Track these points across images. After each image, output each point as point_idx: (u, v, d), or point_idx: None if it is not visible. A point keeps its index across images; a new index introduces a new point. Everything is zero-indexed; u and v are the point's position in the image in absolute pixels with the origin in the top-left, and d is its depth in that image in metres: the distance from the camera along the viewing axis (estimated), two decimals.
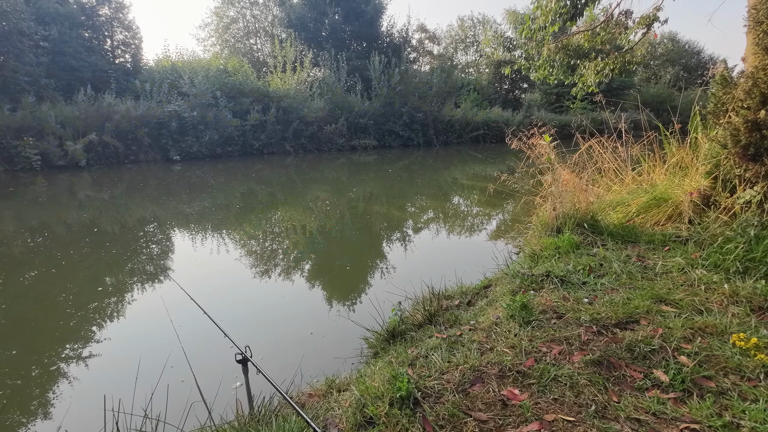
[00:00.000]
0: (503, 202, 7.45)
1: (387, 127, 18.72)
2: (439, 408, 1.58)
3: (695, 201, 3.38)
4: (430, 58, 31.77)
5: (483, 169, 12.95)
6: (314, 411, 1.76)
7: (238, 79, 16.13)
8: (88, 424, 1.54)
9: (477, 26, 32.75)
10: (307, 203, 7.96)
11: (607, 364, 1.78)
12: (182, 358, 2.04)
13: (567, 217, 3.66)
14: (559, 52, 7.24)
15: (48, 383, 2.50)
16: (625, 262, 2.88)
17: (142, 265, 4.60)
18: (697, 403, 1.51)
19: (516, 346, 1.96)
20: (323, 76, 18.28)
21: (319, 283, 4.13)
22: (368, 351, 2.52)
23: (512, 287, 2.75)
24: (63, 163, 11.62)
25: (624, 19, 6.89)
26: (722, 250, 2.73)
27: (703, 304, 2.21)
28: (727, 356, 1.74)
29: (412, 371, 1.85)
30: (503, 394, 1.63)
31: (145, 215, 6.96)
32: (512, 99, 28.03)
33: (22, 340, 2.97)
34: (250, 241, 5.61)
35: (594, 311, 2.21)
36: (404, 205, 8.01)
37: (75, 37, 14.76)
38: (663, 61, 34.62)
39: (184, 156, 13.87)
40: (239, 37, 27.34)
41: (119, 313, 3.43)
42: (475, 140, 21.15)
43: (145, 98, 13.82)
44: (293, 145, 16.23)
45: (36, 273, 4.27)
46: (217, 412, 1.64)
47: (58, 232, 5.96)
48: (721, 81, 3.21)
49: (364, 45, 23.28)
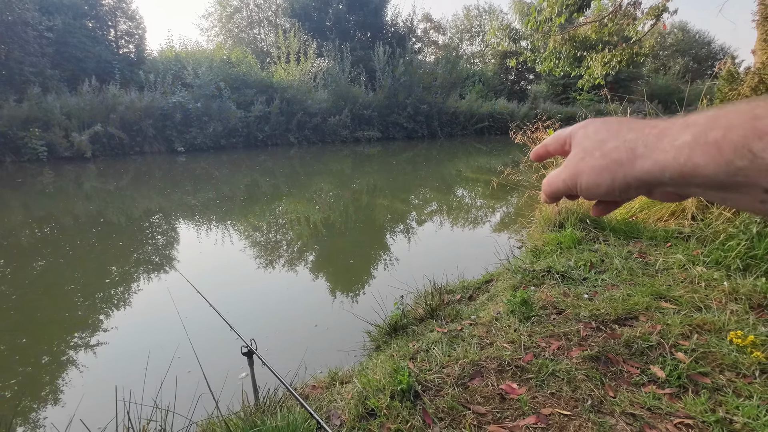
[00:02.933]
0: (507, 196, 7.44)
1: (391, 118, 18.63)
2: (439, 401, 1.62)
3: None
4: (435, 48, 31.43)
5: (487, 161, 12.90)
6: (317, 402, 1.81)
7: (242, 70, 16.07)
8: (100, 413, 1.59)
9: (483, 16, 32.34)
10: (311, 195, 7.99)
11: (605, 359, 1.81)
12: (189, 349, 2.10)
13: (570, 213, 3.67)
14: (566, 43, 7.16)
15: (58, 372, 2.58)
16: (626, 258, 2.90)
17: (148, 256, 4.67)
18: (692, 398, 1.54)
19: (515, 341, 1.99)
20: (327, 66, 18.17)
21: (323, 276, 4.18)
22: (370, 344, 2.56)
23: (513, 282, 2.78)
24: (69, 154, 11.70)
25: (632, 9, 6.78)
26: (724, 247, 2.74)
27: (703, 301, 2.22)
28: (724, 353, 1.77)
29: (413, 365, 1.89)
30: (502, 388, 1.67)
31: (150, 206, 7.02)
32: (518, 90, 27.75)
33: (32, 329, 3.05)
34: (254, 233, 5.66)
35: (594, 307, 2.24)
36: (408, 198, 8.02)
37: (79, 27, 14.72)
38: (672, 51, 34.04)
39: (188, 147, 13.90)
40: (243, 26, 27.17)
41: (126, 304, 3.50)
42: (480, 132, 21.02)
43: (149, 89, 13.82)
44: (297, 136, 16.22)
45: (44, 263, 4.35)
46: (224, 402, 1.70)
47: (66, 222, 6.04)
48: (728, 77, 3.18)
49: (368, 35, 23.06)
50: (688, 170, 0.28)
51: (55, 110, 11.63)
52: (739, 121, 0.26)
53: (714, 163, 0.26)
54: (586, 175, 0.34)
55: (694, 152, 0.27)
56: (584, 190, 0.35)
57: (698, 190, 0.29)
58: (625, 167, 0.32)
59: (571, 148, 0.37)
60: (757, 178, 0.25)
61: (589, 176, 0.34)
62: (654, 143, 0.30)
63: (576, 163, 0.35)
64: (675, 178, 0.29)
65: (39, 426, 2.14)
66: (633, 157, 0.31)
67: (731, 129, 0.26)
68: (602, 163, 0.33)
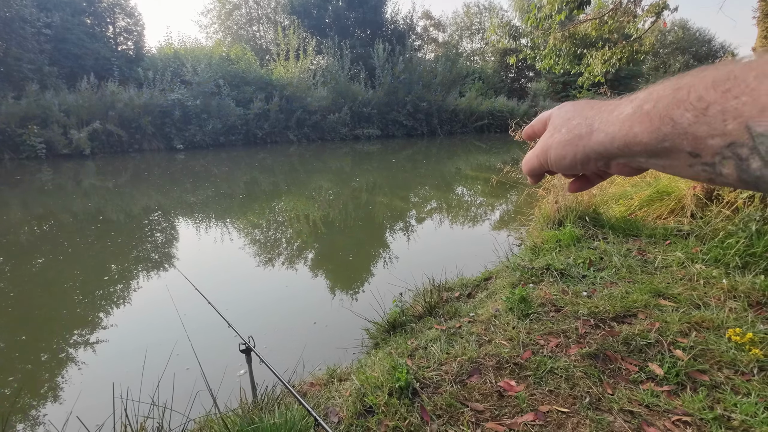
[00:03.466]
0: (506, 194, 7.44)
1: (391, 116, 18.60)
2: (437, 398, 1.62)
3: (698, 195, 3.37)
4: (435, 45, 31.36)
5: (487, 159, 12.89)
6: (315, 399, 1.81)
7: (241, 67, 16.03)
8: (98, 410, 1.59)
9: (483, 13, 32.22)
10: (310, 193, 7.99)
11: (603, 357, 1.81)
12: (187, 346, 2.09)
13: (569, 210, 3.67)
14: (566, 41, 7.13)
15: (56, 369, 2.58)
16: (625, 256, 2.90)
17: (147, 253, 4.67)
18: (690, 396, 1.54)
19: (514, 339, 1.99)
20: (327, 64, 18.11)
21: (322, 273, 4.18)
22: (369, 342, 2.56)
23: (512, 280, 2.78)
24: (68, 151, 11.68)
25: (633, 6, 6.76)
26: (723, 244, 2.74)
27: (701, 299, 2.22)
28: (722, 350, 1.77)
29: (412, 362, 1.89)
30: (500, 386, 1.67)
31: (149, 204, 7.01)
32: (518, 88, 27.70)
33: (32, 326, 3.04)
34: (253, 230, 5.66)
35: (592, 305, 2.24)
36: (407, 196, 8.01)
37: (77, 24, 14.66)
38: (672, 49, 33.96)
39: (187, 145, 13.88)
40: (242, 23, 27.06)
41: (125, 302, 3.49)
42: (480, 130, 20.99)
43: (148, 86, 13.78)
44: (296, 134, 16.19)
45: (43, 260, 4.34)
46: (222, 400, 1.69)
47: (64, 220, 6.03)
48: None
49: (368, 32, 23.00)
50: (630, 140, 0.31)
51: (53, 107, 11.59)
52: (665, 92, 0.29)
53: (647, 131, 0.29)
54: (553, 149, 0.38)
55: (633, 123, 0.30)
56: (553, 163, 0.38)
57: (642, 160, 0.31)
58: (584, 140, 0.35)
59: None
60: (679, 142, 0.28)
61: (556, 150, 0.37)
62: (606, 118, 0.33)
63: (546, 139, 0.39)
64: (621, 148, 0.32)
65: (37, 423, 2.14)
66: (590, 131, 0.34)
67: (660, 100, 0.29)
68: (567, 137, 0.37)
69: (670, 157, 0.29)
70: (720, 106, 0.25)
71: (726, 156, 0.26)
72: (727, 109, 0.25)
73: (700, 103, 0.26)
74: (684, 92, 0.27)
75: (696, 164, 0.28)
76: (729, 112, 0.25)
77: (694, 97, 0.27)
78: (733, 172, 0.26)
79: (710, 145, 0.26)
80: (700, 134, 0.26)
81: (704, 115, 0.26)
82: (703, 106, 0.26)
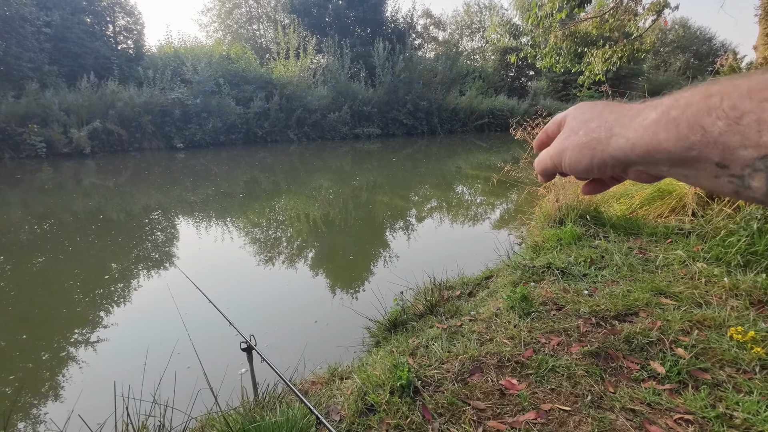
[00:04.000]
0: (507, 193, 7.43)
1: (391, 115, 18.58)
2: (439, 396, 1.62)
3: (699, 193, 3.37)
4: (435, 44, 31.31)
5: (487, 158, 12.88)
6: (317, 398, 1.81)
7: (241, 66, 16.01)
8: (99, 409, 1.59)
9: (483, 12, 32.16)
10: (310, 192, 7.98)
11: (605, 355, 1.81)
12: (189, 345, 2.09)
13: (570, 209, 3.66)
14: (566, 39, 7.12)
15: (57, 367, 2.58)
16: (626, 255, 2.89)
17: (148, 252, 4.66)
18: (692, 394, 1.54)
19: (515, 337, 1.99)
20: (327, 63, 18.09)
21: (323, 272, 4.18)
22: (370, 340, 2.56)
23: (513, 278, 2.78)
24: (68, 150, 11.67)
25: (633, 5, 6.75)
26: (724, 243, 2.73)
27: (703, 297, 2.22)
28: (724, 349, 1.77)
29: (413, 360, 1.89)
30: (501, 384, 1.67)
31: (149, 203, 7.01)
32: (518, 87, 27.66)
33: (32, 325, 3.04)
34: (254, 229, 5.65)
35: (593, 303, 2.24)
36: (407, 195, 8.01)
37: (77, 23, 14.64)
38: (673, 47, 33.92)
39: (187, 144, 13.87)
40: (242, 22, 27.04)
41: (126, 300, 3.49)
42: (480, 129, 20.97)
43: (148, 85, 13.77)
44: (297, 133, 16.18)
45: (44, 259, 4.34)
46: (223, 398, 1.69)
47: (65, 219, 6.03)
48: (729, 73, 3.16)
49: (368, 31, 22.96)
50: (653, 147, 0.29)
51: (53, 106, 11.58)
52: (695, 99, 0.27)
53: (673, 139, 0.28)
54: (569, 151, 0.36)
55: (659, 129, 0.29)
56: (567, 166, 0.37)
57: (664, 168, 0.30)
58: (602, 144, 0.33)
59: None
60: (707, 151, 0.27)
61: (572, 153, 0.36)
62: (628, 123, 0.32)
63: (562, 141, 0.38)
64: (643, 155, 0.30)
65: (38, 421, 2.14)
66: (610, 135, 0.33)
67: (688, 106, 0.28)
68: (584, 140, 0.35)
69: (694, 167, 0.28)
70: (756, 116, 0.24)
71: (757, 168, 0.25)
72: (764, 119, 0.24)
73: (734, 111, 0.25)
74: (716, 100, 0.26)
75: (722, 175, 0.27)
76: (766, 123, 0.24)
77: (727, 105, 0.25)
78: (763, 185, 0.25)
79: (741, 156, 0.25)
80: (731, 144, 0.25)
81: (737, 124, 0.25)
82: (736, 115, 0.25)
